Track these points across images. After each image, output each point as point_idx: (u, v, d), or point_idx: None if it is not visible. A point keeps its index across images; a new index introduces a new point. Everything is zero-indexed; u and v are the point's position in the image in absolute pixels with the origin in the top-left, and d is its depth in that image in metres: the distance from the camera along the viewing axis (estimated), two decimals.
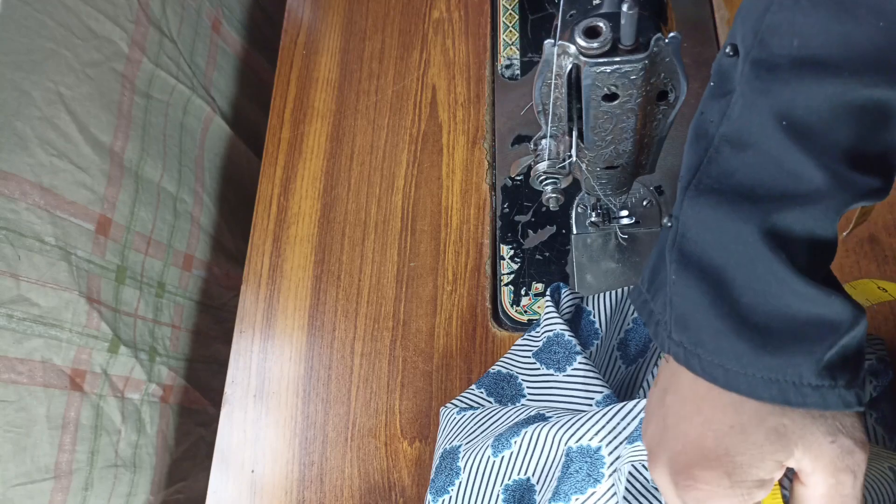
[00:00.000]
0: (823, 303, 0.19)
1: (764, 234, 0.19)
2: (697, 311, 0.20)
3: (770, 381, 0.19)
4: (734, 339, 0.19)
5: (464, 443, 0.34)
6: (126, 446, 0.46)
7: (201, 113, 0.57)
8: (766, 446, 0.19)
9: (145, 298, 0.49)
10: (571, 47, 0.27)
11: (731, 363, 0.19)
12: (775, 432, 0.19)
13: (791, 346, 0.19)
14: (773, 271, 0.19)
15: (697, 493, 0.20)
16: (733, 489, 0.19)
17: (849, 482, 0.19)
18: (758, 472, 0.19)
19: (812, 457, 0.19)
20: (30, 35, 0.39)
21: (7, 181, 0.38)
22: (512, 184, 0.49)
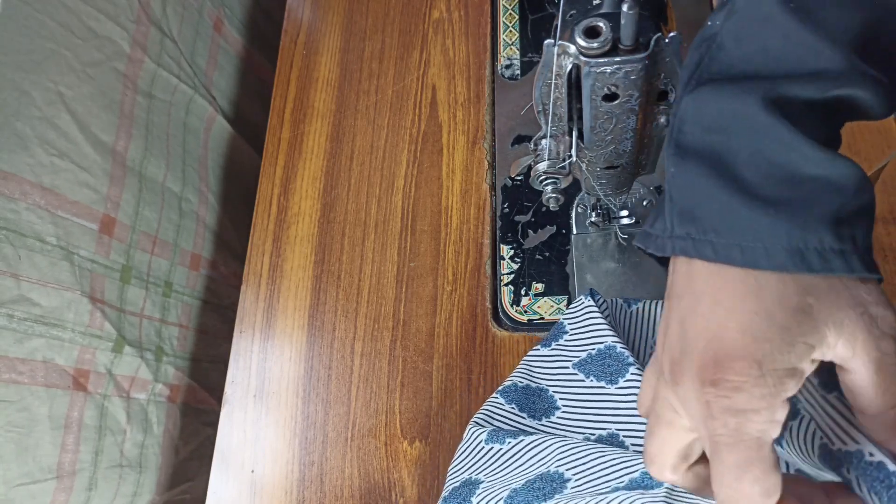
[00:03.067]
0: (830, 164, 0.18)
1: (766, 104, 0.18)
2: (702, 196, 0.19)
3: (791, 251, 0.18)
4: (747, 213, 0.18)
5: (486, 479, 0.33)
6: (132, 446, 0.46)
7: (203, 112, 0.57)
8: (794, 328, 0.18)
9: (152, 298, 0.49)
10: (571, 47, 0.27)
11: (746, 240, 0.18)
12: (802, 312, 0.18)
13: (805, 212, 0.18)
14: (777, 138, 0.18)
15: (726, 385, 0.18)
16: (764, 378, 0.18)
17: (891, 347, 0.18)
18: (788, 357, 0.18)
19: (847, 334, 0.18)
20: (30, 35, 0.39)
21: (7, 181, 0.38)
22: (512, 184, 0.49)
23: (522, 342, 0.43)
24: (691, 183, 0.20)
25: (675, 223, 0.20)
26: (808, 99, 0.19)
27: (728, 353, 0.18)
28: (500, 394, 0.38)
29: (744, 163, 0.19)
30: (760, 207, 0.18)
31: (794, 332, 0.18)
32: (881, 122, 0.43)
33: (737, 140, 0.19)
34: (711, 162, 0.19)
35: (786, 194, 0.18)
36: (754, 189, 0.18)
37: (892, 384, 0.18)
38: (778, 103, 0.19)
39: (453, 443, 0.42)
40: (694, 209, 0.19)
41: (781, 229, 0.18)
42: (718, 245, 0.19)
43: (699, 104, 0.20)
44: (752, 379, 0.18)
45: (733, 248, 0.19)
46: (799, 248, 0.18)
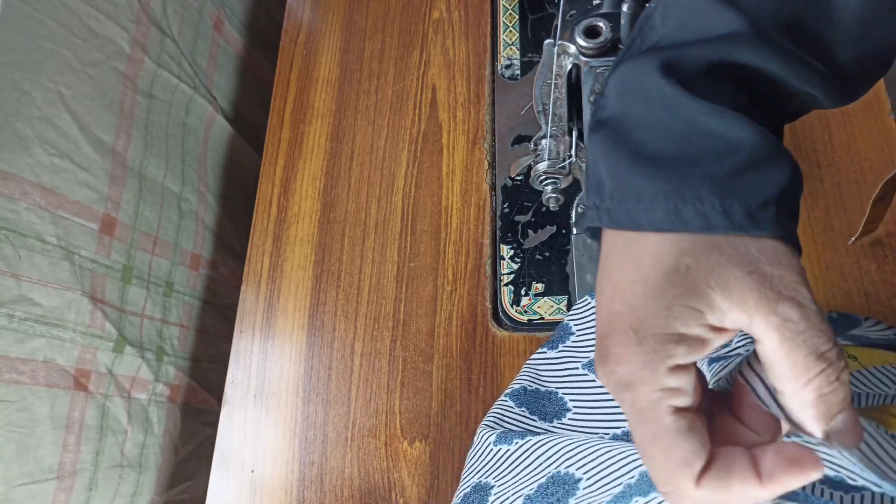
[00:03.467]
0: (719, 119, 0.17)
1: (661, 69, 0.18)
2: (604, 164, 0.19)
3: (668, 209, 0.17)
4: (631, 175, 0.18)
5: (497, 483, 0.33)
6: (132, 446, 0.46)
7: (203, 112, 0.57)
8: (668, 290, 0.17)
9: (153, 298, 0.49)
10: (571, 47, 0.27)
11: (631, 202, 0.18)
12: (676, 272, 0.17)
13: (686, 169, 0.17)
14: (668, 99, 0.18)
15: (610, 360, 0.17)
16: (642, 345, 0.17)
17: (795, 313, 0.16)
18: (667, 322, 0.17)
19: (735, 297, 0.16)
20: (30, 35, 0.39)
21: (7, 181, 0.38)
22: (512, 184, 0.49)
23: (522, 342, 0.43)
24: (597, 152, 0.19)
25: (590, 195, 0.20)
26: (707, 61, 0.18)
27: (611, 329, 0.18)
28: (510, 397, 0.38)
29: (638, 126, 0.18)
30: (643, 168, 0.18)
31: (668, 294, 0.17)
32: (882, 123, 0.43)
33: (633, 105, 0.19)
34: (613, 129, 0.19)
35: (670, 152, 0.18)
36: (642, 149, 0.18)
37: (801, 354, 0.16)
38: (673, 67, 0.18)
39: (453, 443, 0.42)
40: (599, 178, 0.19)
41: (661, 188, 0.17)
42: (612, 211, 0.19)
43: (615, 78, 0.20)
44: (630, 348, 0.17)
45: (622, 212, 0.18)
46: (676, 205, 0.17)
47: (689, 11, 0.19)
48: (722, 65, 0.18)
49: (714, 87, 0.18)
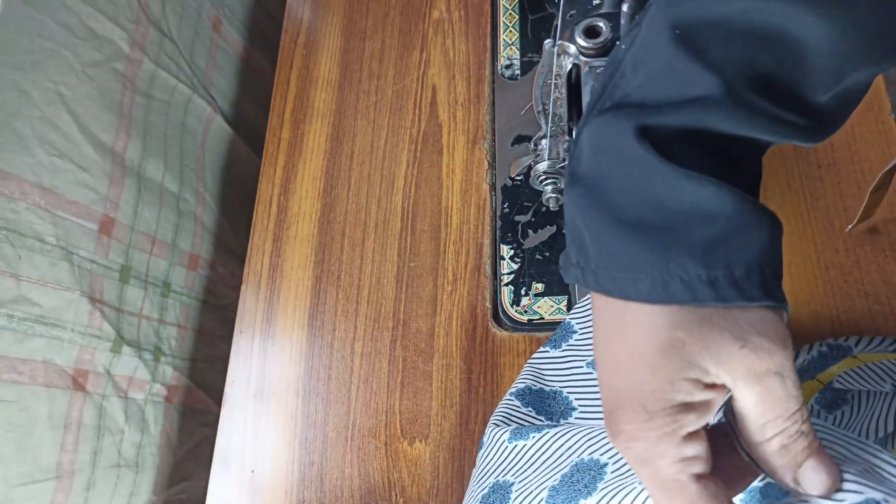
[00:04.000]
0: (695, 188, 0.17)
1: (637, 133, 0.18)
2: (584, 223, 0.19)
3: (654, 281, 0.17)
4: (614, 242, 0.18)
5: (517, 480, 0.32)
6: (129, 446, 0.46)
7: (202, 113, 0.57)
8: (667, 365, 0.17)
9: (150, 298, 0.49)
10: (571, 47, 0.27)
11: (617, 270, 0.18)
12: (671, 348, 0.17)
13: (669, 239, 0.17)
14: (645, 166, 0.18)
15: (623, 438, 0.18)
16: (653, 420, 0.17)
17: (777, 385, 0.17)
18: (672, 395, 0.17)
19: (726, 369, 0.17)
20: (30, 35, 0.39)
21: (7, 181, 0.38)
22: (512, 184, 0.49)
23: (522, 342, 0.43)
24: (575, 211, 0.20)
25: (572, 251, 0.20)
26: (683, 127, 0.18)
27: (618, 406, 0.18)
28: (516, 396, 0.38)
29: (616, 189, 0.19)
30: (628, 235, 0.18)
31: (667, 369, 0.17)
32: (881, 123, 0.43)
33: (610, 166, 0.19)
34: (591, 188, 0.19)
35: (652, 221, 0.18)
36: (624, 215, 0.18)
37: (771, 415, 0.18)
38: (649, 131, 0.18)
39: (453, 443, 0.42)
40: (580, 236, 0.19)
41: (645, 258, 0.18)
42: (598, 274, 0.19)
43: (590, 131, 0.20)
44: (642, 425, 0.18)
45: (609, 278, 0.18)
46: (662, 277, 0.17)
47: (661, 67, 0.19)
48: (697, 131, 0.18)
49: (689, 151, 0.18)
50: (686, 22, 0.19)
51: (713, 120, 0.18)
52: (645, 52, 0.20)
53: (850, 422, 0.31)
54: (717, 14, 0.18)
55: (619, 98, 0.20)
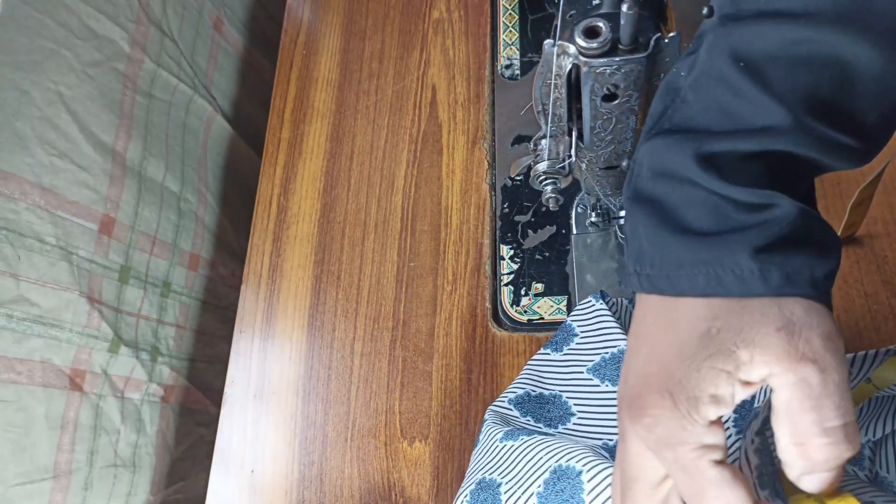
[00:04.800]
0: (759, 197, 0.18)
1: (696, 157, 0.19)
2: (646, 236, 0.20)
3: (707, 273, 0.18)
4: (674, 244, 0.19)
5: (504, 481, 0.33)
6: (126, 446, 0.46)
7: (203, 113, 0.57)
8: (700, 353, 0.18)
9: (150, 298, 0.49)
10: (571, 47, 0.27)
11: (672, 268, 0.19)
12: (707, 336, 0.18)
13: (729, 239, 0.19)
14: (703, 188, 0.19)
15: (646, 420, 0.19)
16: (678, 408, 0.18)
17: (814, 376, 0.17)
18: (699, 385, 0.18)
19: (759, 351, 0.17)
20: (30, 35, 0.39)
21: (7, 181, 0.38)
22: (512, 184, 0.49)
23: (522, 342, 0.43)
24: (638, 224, 0.21)
25: (631, 262, 0.21)
26: (745, 151, 0.19)
27: (645, 389, 0.19)
28: (514, 405, 0.38)
29: (680, 207, 0.20)
30: (689, 241, 0.19)
31: (699, 357, 0.18)
32: None
33: (674, 190, 0.20)
34: (655, 206, 0.21)
35: (714, 229, 0.19)
36: (690, 226, 0.19)
37: (806, 420, 0.17)
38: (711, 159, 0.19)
39: (453, 443, 0.42)
40: (641, 247, 0.21)
41: (700, 255, 0.19)
42: (653, 277, 0.20)
43: (650, 151, 0.21)
44: (666, 411, 0.18)
45: (662, 278, 0.20)
46: (716, 272, 0.18)
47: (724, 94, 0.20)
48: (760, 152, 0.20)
49: (751, 170, 0.19)
50: (747, 53, 0.20)
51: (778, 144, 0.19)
52: (708, 79, 0.21)
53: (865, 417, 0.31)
54: (776, 46, 0.19)
55: (679, 121, 0.21)
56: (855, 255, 0.39)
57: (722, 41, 0.20)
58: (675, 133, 0.21)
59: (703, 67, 0.21)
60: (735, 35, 0.20)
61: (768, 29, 0.20)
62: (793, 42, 0.19)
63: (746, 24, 0.20)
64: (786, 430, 0.18)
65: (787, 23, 0.19)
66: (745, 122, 0.20)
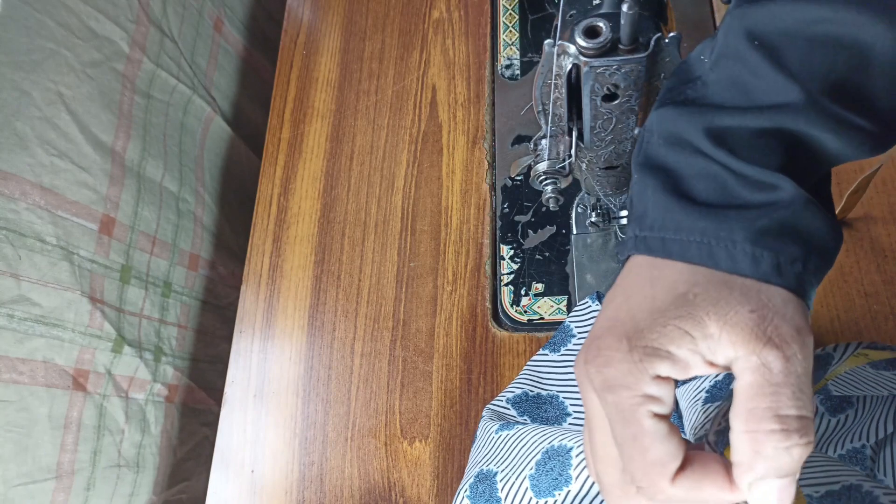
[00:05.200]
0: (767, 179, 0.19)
1: (710, 131, 0.20)
2: (651, 201, 0.20)
3: (701, 244, 0.19)
4: (677, 211, 0.19)
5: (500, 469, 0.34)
6: (129, 446, 0.46)
7: (202, 113, 0.57)
8: (670, 311, 0.18)
9: (151, 298, 0.49)
10: (571, 47, 0.27)
11: (670, 233, 0.19)
12: (683, 297, 0.18)
13: (731, 215, 0.19)
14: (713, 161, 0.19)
15: (598, 360, 0.19)
16: (630, 354, 0.18)
17: (777, 363, 0.17)
18: (659, 338, 0.18)
19: (728, 327, 0.17)
20: (30, 35, 0.39)
21: (7, 181, 0.38)
22: (512, 184, 0.49)
23: (522, 342, 0.43)
24: (646, 190, 0.21)
25: (632, 225, 0.21)
26: (757, 128, 0.19)
27: (607, 332, 0.19)
28: (512, 405, 0.38)
29: (692, 177, 0.20)
30: (692, 209, 0.19)
31: (668, 314, 0.18)
32: None
33: (685, 161, 0.20)
34: (666, 174, 0.21)
35: (719, 201, 0.19)
36: (698, 196, 0.20)
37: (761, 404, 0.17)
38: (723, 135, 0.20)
39: (453, 443, 0.42)
40: (644, 211, 0.21)
41: (698, 224, 0.19)
42: (649, 239, 0.20)
43: (662, 119, 0.22)
44: (619, 354, 0.18)
45: (656, 240, 0.20)
46: (710, 242, 0.18)
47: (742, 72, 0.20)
48: (772, 130, 0.20)
49: (761, 148, 0.20)
50: (763, 31, 0.20)
51: (791, 122, 0.19)
52: (725, 59, 0.21)
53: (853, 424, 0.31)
54: (791, 24, 0.20)
55: (695, 97, 0.21)
56: (855, 255, 0.39)
57: (738, 21, 0.21)
58: (688, 105, 0.21)
59: (721, 48, 0.21)
60: (751, 15, 0.20)
61: (784, 8, 0.20)
62: (809, 21, 0.19)
63: (762, 4, 0.20)
64: (741, 416, 0.17)
65: (802, 2, 0.19)
66: (758, 99, 0.20)
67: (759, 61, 0.20)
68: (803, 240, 0.18)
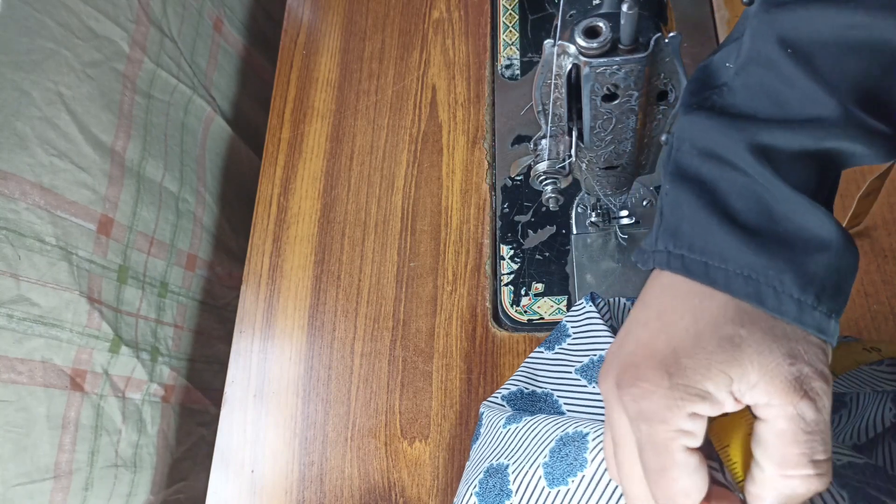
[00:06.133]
0: (814, 216, 0.18)
1: (752, 147, 0.19)
2: (688, 216, 0.20)
3: (748, 279, 0.18)
4: (720, 236, 0.19)
5: (511, 462, 0.33)
6: (126, 446, 0.46)
7: (202, 113, 0.57)
8: (717, 354, 0.18)
9: (147, 298, 0.49)
10: (571, 47, 0.27)
11: (714, 259, 0.19)
12: (729, 341, 0.18)
13: (777, 251, 0.18)
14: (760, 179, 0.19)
15: (634, 390, 0.19)
16: (671, 391, 0.18)
17: (810, 414, 0.18)
18: (702, 380, 0.18)
19: (768, 377, 0.18)
20: (30, 35, 0.39)
21: (7, 181, 0.38)
22: (512, 184, 0.49)
23: (522, 342, 0.43)
24: (681, 203, 0.20)
25: (660, 238, 0.21)
26: (802, 149, 0.19)
27: (646, 362, 0.19)
28: (507, 401, 0.38)
29: (732, 194, 0.20)
30: (735, 233, 0.19)
31: (714, 357, 0.18)
32: None
33: (724, 174, 0.20)
34: (702, 187, 0.20)
35: (765, 228, 0.19)
36: (737, 218, 0.19)
37: (797, 451, 0.18)
38: (766, 150, 0.19)
39: (453, 443, 0.42)
40: (678, 227, 0.20)
41: (746, 258, 0.18)
42: (688, 260, 0.20)
43: (696, 128, 0.21)
44: (659, 389, 0.18)
45: (698, 263, 0.19)
46: (758, 279, 0.18)
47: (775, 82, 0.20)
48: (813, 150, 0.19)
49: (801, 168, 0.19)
50: (795, 38, 0.19)
51: (830, 140, 0.19)
52: (755, 66, 0.20)
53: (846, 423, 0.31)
54: (826, 31, 0.19)
55: (723, 105, 0.21)
56: None
57: (767, 27, 0.20)
58: (722, 115, 0.20)
59: (750, 54, 0.21)
60: (783, 20, 0.20)
61: (816, 14, 0.19)
62: (845, 27, 0.19)
63: (792, 8, 0.20)
64: (774, 459, 0.18)
65: (835, 7, 0.19)
66: (793, 110, 0.19)
67: (792, 70, 0.19)
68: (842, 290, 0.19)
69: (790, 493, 0.18)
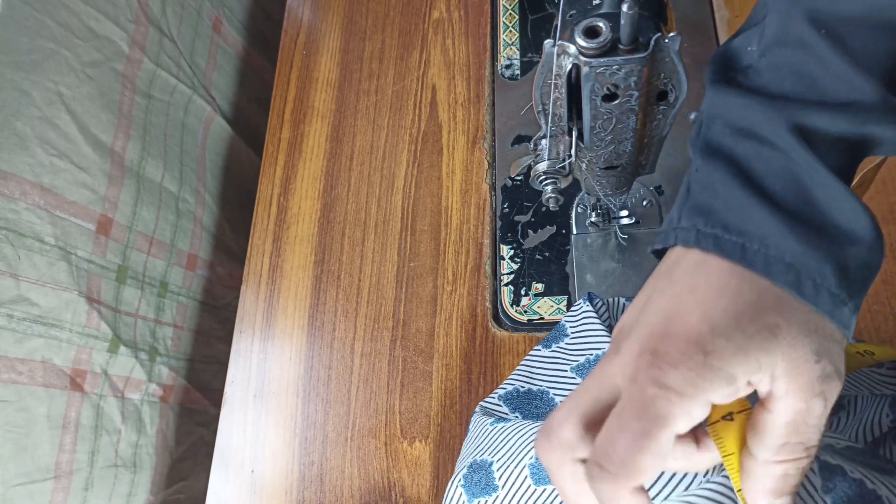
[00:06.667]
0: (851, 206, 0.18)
1: (792, 128, 0.19)
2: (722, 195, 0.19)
3: (790, 266, 0.18)
4: (763, 218, 0.18)
5: (495, 459, 0.33)
6: (126, 446, 0.46)
7: (202, 113, 0.57)
8: (756, 340, 0.17)
9: (147, 298, 0.49)
10: (571, 47, 0.27)
11: (753, 242, 0.18)
12: (768, 330, 0.17)
13: (817, 240, 0.18)
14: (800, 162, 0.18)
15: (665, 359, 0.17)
16: (703, 369, 0.17)
17: (818, 410, 0.18)
18: (736, 364, 0.17)
19: (794, 373, 0.17)
20: (30, 35, 0.39)
21: (7, 181, 0.38)
22: (512, 184, 0.49)
23: (522, 342, 0.43)
24: (714, 181, 0.20)
25: (684, 215, 0.20)
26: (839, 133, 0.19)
27: (681, 332, 0.18)
28: (504, 401, 0.38)
29: (769, 175, 0.19)
30: (778, 216, 0.18)
31: (753, 343, 0.17)
32: None
33: (761, 153, 0.19)
34: (737, 166, 0.19)
35: (806, 214, 0.18)
36: (776, 199, 0.18)
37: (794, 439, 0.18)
38: (806, 130, 0.19)
39: (453, 443, 0.42)
40: (710, 205, 0.19)
41: (788, 245, 0.18)
42: (723, 240, 0.19)
43: (730, 106, 0.20)
44: (692, 363, 0.17)
45: (734, 244, 0.18)
46: (799, 270, 0.18)
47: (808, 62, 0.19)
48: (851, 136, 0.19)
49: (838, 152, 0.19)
50: (827, 17, 0.19)
51: (869, 127, 0.19)
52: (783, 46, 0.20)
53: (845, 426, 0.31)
54: (859, 10, 0.19)
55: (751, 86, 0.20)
56: None
57: (796, 7, 0.20)
58: (755, 93, 0.20)
59: (777, 35, 0.20)
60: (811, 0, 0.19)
61: None
62: (878, 7, 0.18)
63: None
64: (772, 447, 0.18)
65: None
66: (827, 92, 0.19)
67: (826, 51, 0.19)
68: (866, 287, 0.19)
69: (783, 473, 0.18)
